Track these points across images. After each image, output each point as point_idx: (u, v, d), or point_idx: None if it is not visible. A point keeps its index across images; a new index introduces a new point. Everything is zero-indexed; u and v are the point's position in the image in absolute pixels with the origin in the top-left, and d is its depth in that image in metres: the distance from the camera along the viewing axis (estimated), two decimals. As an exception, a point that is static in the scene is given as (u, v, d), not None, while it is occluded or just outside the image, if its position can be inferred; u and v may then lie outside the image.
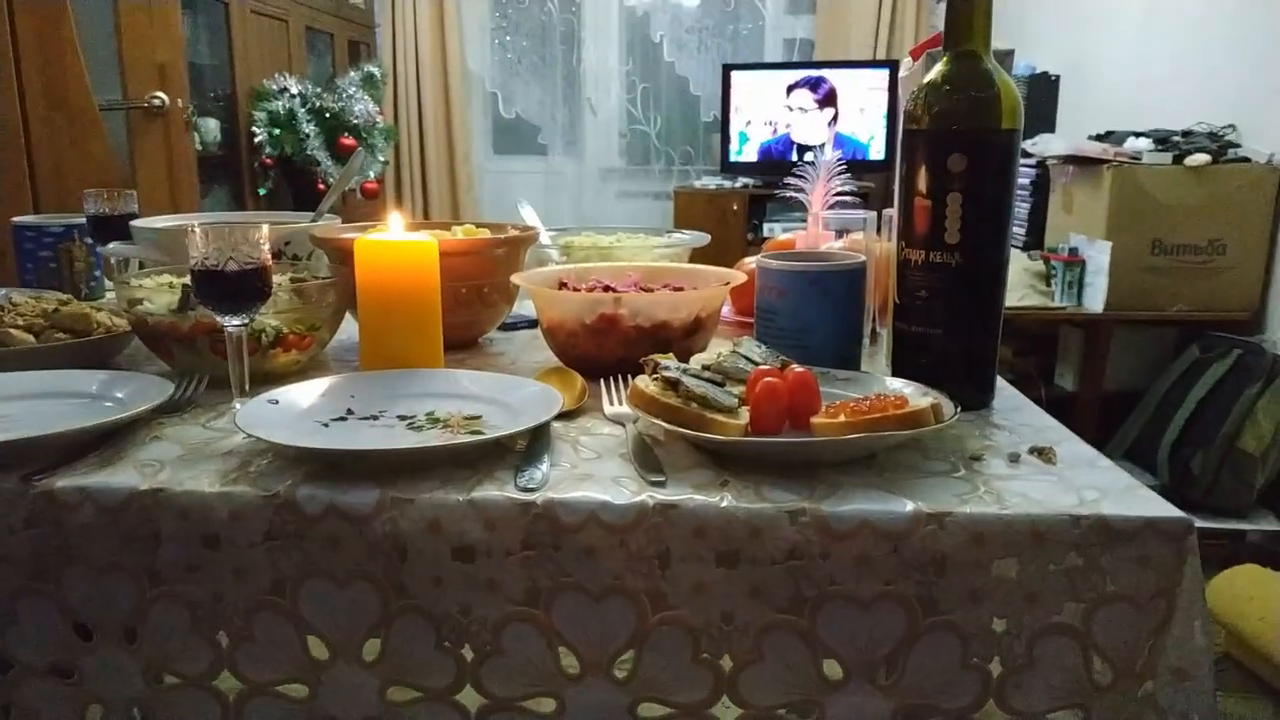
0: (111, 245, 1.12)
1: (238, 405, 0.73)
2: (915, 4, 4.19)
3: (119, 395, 0.77)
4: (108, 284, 1.27)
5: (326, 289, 0.90)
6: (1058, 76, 3.00)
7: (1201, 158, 2.15)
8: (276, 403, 0.73)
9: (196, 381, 0.81)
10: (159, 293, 0.88)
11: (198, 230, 0.73)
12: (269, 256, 0.75)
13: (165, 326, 0.84)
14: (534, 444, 0.67)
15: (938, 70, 0.75)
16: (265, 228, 0.75)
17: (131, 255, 1.11)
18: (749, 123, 4.07)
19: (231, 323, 0.74)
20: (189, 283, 0.76)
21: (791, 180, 1.07)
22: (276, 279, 0.84)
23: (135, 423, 0.72)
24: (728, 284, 0.92)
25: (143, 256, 1.10)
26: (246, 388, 0.75)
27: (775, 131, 4.04)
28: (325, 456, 0.65)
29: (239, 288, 0.73)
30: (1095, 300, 2.27)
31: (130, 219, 1.16)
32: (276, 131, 2.99)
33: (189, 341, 0.83)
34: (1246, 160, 2.16)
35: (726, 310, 1.13)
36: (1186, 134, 2.29)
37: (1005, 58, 0.78)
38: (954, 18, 0.74)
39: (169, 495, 0.61)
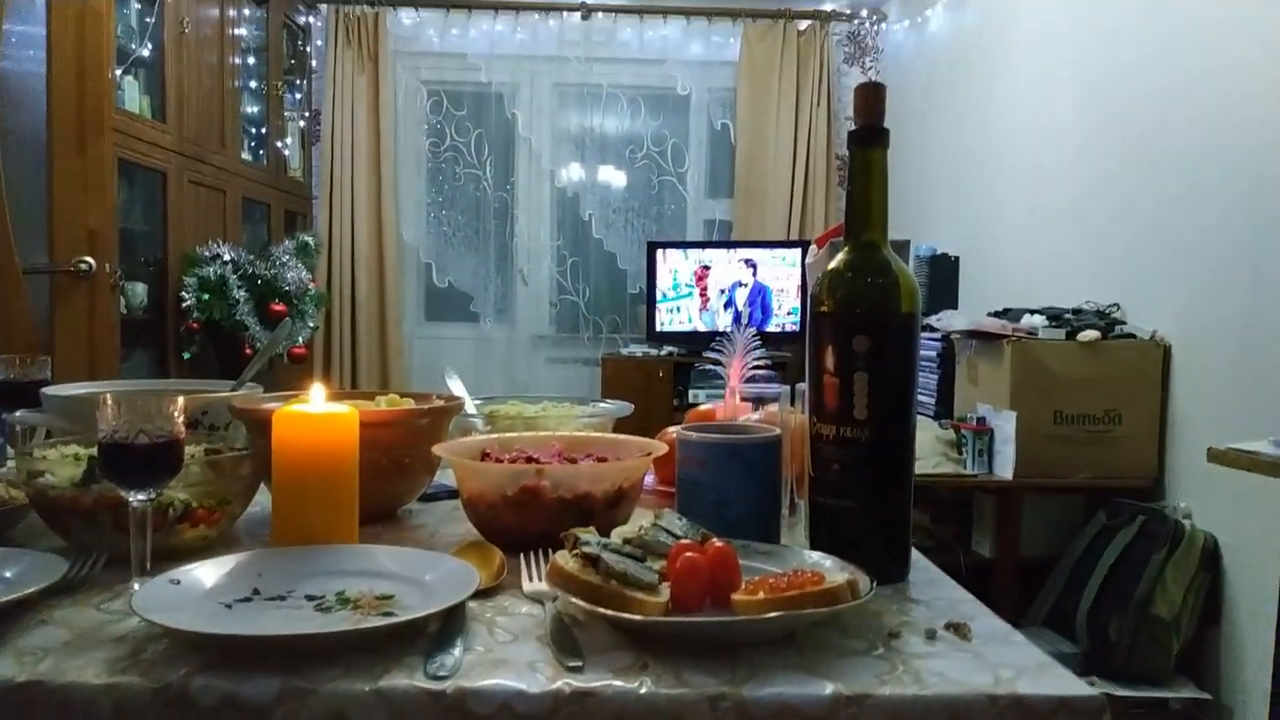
0: (18, 413, 1.09)
1: (136, 586, 0.69)
2: (824, 191, 4.51)
3: (7, 575, 0.73)
4: (10, 453, 1.22)
5: (241, 462, 0.88)
6: (957, 257, 3.22)
7: (1091, 334, 2.31)
8: (178, 582, 0.70)
9: (94, 560, 0.77)
10: (62, 465, 0.85)
11: (109, 400, 0.71)
12: (182, 429, 0.74)
13: (65, 500, 0.81)
14: (447, 626, 0.65)
15: (840, 258, 0.80)
16: (180, 399, 0.74)
17: (38, 424, 1.08)
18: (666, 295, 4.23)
19: (137, 497, 0.72)
20: (95, 455, 0.74)
21: (710, 353, 1.12)
22: (190, 450, 0.82)
23: (22, 605, 0.67)
24: (650, 454, 0.93)
25: (51, 425, 1.07)
26: (148, 566, 0.72)
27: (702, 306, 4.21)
28: (222, 642, 0.62)
29: (149, 461, 0.71)
30: (1005, 468, 2.35)
31: (42, 385, 1.13)
32: (206, 296, 2.99)
33: (90, 516, 0.80)
34: (1132, 336, 2.33)
35: (650, 480, 1.14)
36: (1077, 311, 2.46)
37: (902, 247, 0.85)
38: (853, 210, 0.81)
39: (48, 688, 0.57)
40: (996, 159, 3.25)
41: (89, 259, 2.48)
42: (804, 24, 4.54)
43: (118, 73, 2.65)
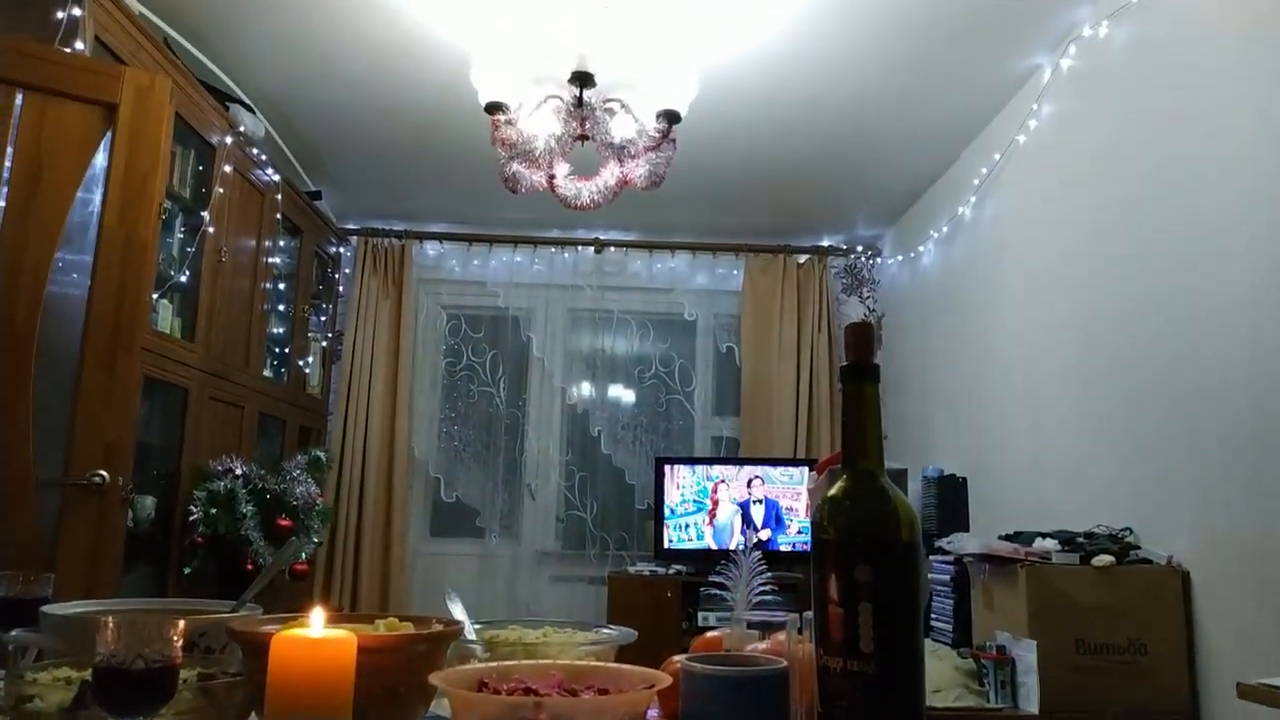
0: (14, 633, 1.07)
1: (112, 824, 0.66)
2: (829, 411, 4.59)
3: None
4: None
5: (234, 688, 0.86)
6: (964, 479, 3.22)
7: (1106, 558, 2.27)
8: (156, 822, 0.67)
9: (70, 794, 0.74)
10: (53, 689, 0.83)
11: (109, 624, 0.71)
12: (179, 653, 0.73)
13: (50, 728, 0.78)
14: None
15: (839, 486, 0.82)
16: (181, 623, 0.74)
17: (33, 644, 1.06)
18: (675, 510, 4.20)
19: (125, 725, 0.70)
20: (87, 678, 0.73)
21: (715, 578, 1.11)
22: (184, 674, 0.81)
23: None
24: (653, 686, 0.90)
25: (46, 645, 1.05)
26: (126, 802, 0.69)
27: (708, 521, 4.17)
28: None
29: (143, 687, 0.70)
30: (1030, 700, 2.23)
31: (42, 603, 1.12)
32: (213, 510, 2.99)
33: (73, 746, 0.77)
34: (1148, 561, 2.29)
35: (654, 713, 1.10)
36: (1089, 535, 2.43)
37: (900, 475, 0.87)
38: (849, 441, 0.84)
39: None
40: (996, 382, 3.34)
41: (103, 472, 2.51)
42: (803, 258, 4.82)
43: (154, 296, 2.81)
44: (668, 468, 4.29)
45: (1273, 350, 1.92)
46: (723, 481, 4.23)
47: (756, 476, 4.22)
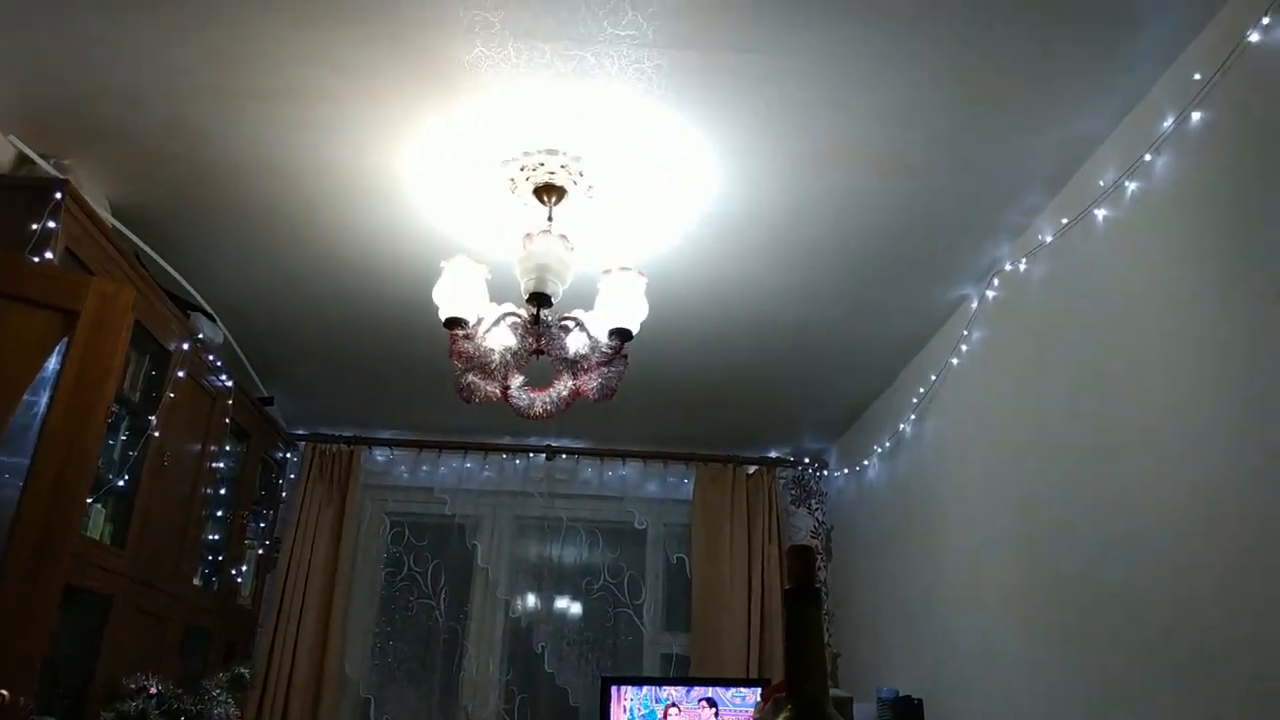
0: None
1: None
2: (778, 626, 4.49)
3: None
4: None
5: None
6: (920, 700, 3.13)
7: (1069, 791, 2.18)
8: None
9: None
10: None
11: None
12: None
13: None
14: None
15: (784, 716, 0.81)
16: None
17: None
18: (629, 738, 3.98)
19: None
20: None
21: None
22: None
23: None
24: None
25: None
26: None
27: (656, 748, 3.94)
28: None
29: None
30: None
31: None
32: (119, 734, 2.75)
33: None
34: (1112, 794, 2.20)
35: None
36: (1050, 765, 2.34)
37: (845, 704, 0.86)
38: (792, 666, 0.84)
39: None
40: (945, 598, 3.32)
41: (3, 692, 2.32)
42: (752, 469, 4.89)
43: (88, 501, 2.72)
44: (614, 689, 4.09)
45: (1202, 565, 1.96)
46: (674, 705, 4.04)
47: (708, 698, 4.04)
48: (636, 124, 2.41)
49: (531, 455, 4.86)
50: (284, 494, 4.66)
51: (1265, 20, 1.84)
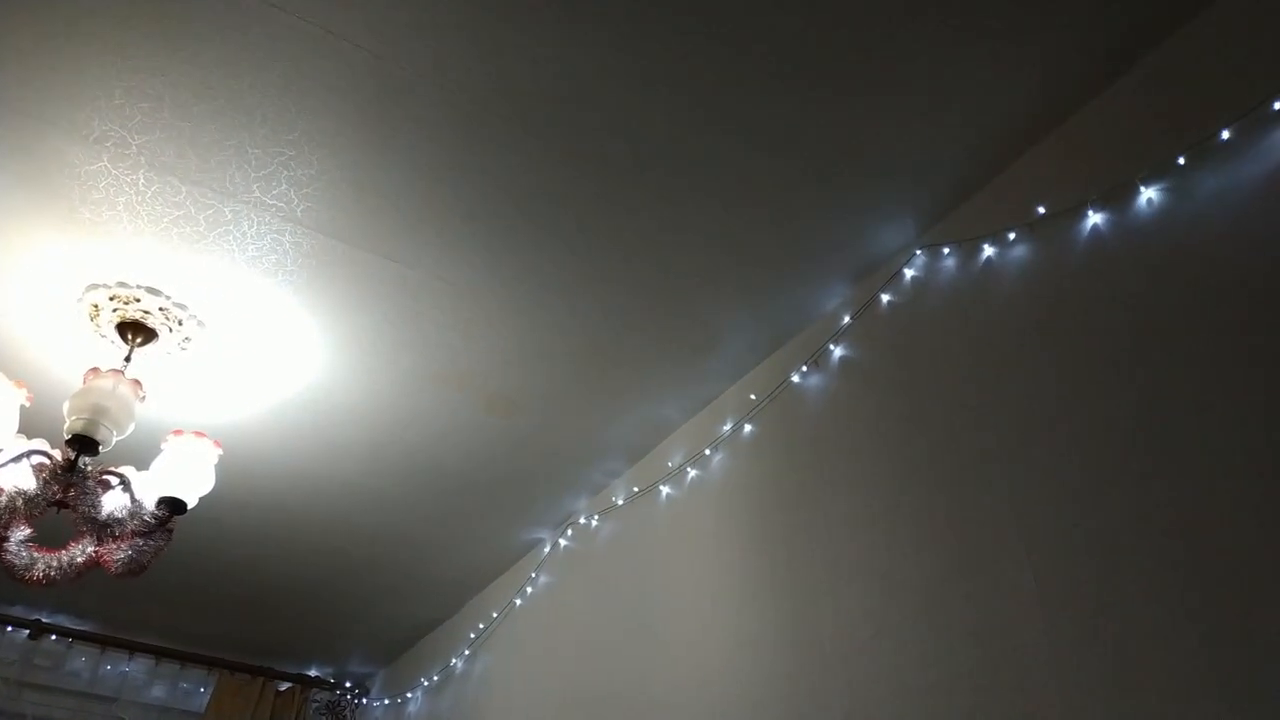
0: None
1: None
2: None
3: None
4: None
5: None
6: None
7: None
8: None
9: None
10: None
11: None
12: None
13: None
14: None
15: None
16: None
17: None
18: None
19: None
20: None
21: None
22: None
23: None
24: None
25: None
26: None
27: None
28: None
29: None
30: None
31: None
32: None
33: None
34: None
35: None
36: None
37: None
38: None
39: None
40: None
41: None
42: (284, 685, 4.40)
43: None
44: None
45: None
46: None
47: None
48: (256, 291, 2.31)
49: (11, 629, 3.94)
50: None
51: (804, 368, 2.31)
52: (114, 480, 2.23)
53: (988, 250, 1.90)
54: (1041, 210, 1.80)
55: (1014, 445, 1.70)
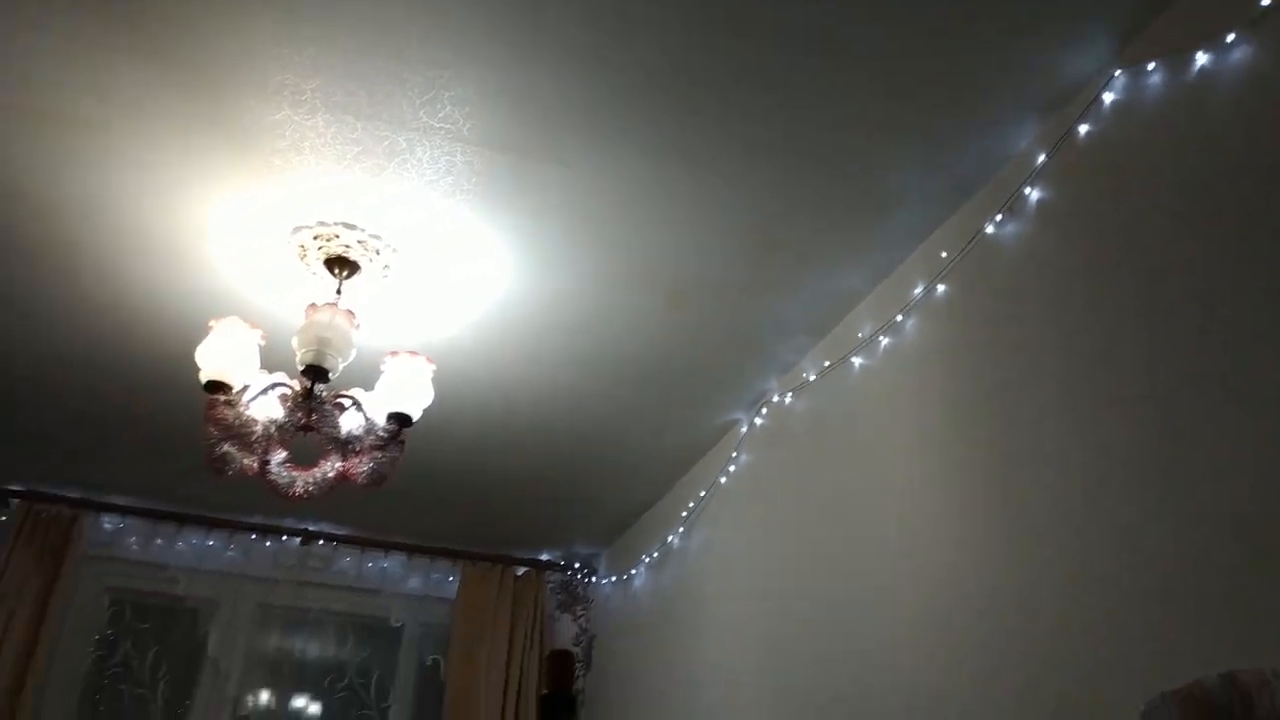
0: None
1: None
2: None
3: None
4: None
5: None
6: (660, 820, 3.11)
7: None
8: None
9: None
10: None
11: None
12: None
13: None
14: None
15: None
16: None
17: None
18: None
19: None
20: None
21: None
22: None
23: None
24: None
25: None
26: None
27: None
28: None
29: None
30: None
31: None
32: None
33: None
34: None
35: None
36: None
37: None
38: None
39: None
40: (699, 710, 3.37)
41: None
42: (521, 570, 4.81)
43: None
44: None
45: (927, 686, 2.13)
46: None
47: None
48: (439, 214, 2.42)
49: (285, 538, 4.53)
50: (-19, 559, 4.04)
51: (998, 217, 2.15)
52: (347, 402, 2.46)
53: (1201, 60, 1.66)
54: (1265, 1, 1.54)
55: (1240, 286, 1.52)
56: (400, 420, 2.44)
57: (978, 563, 2.02)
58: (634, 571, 4.35)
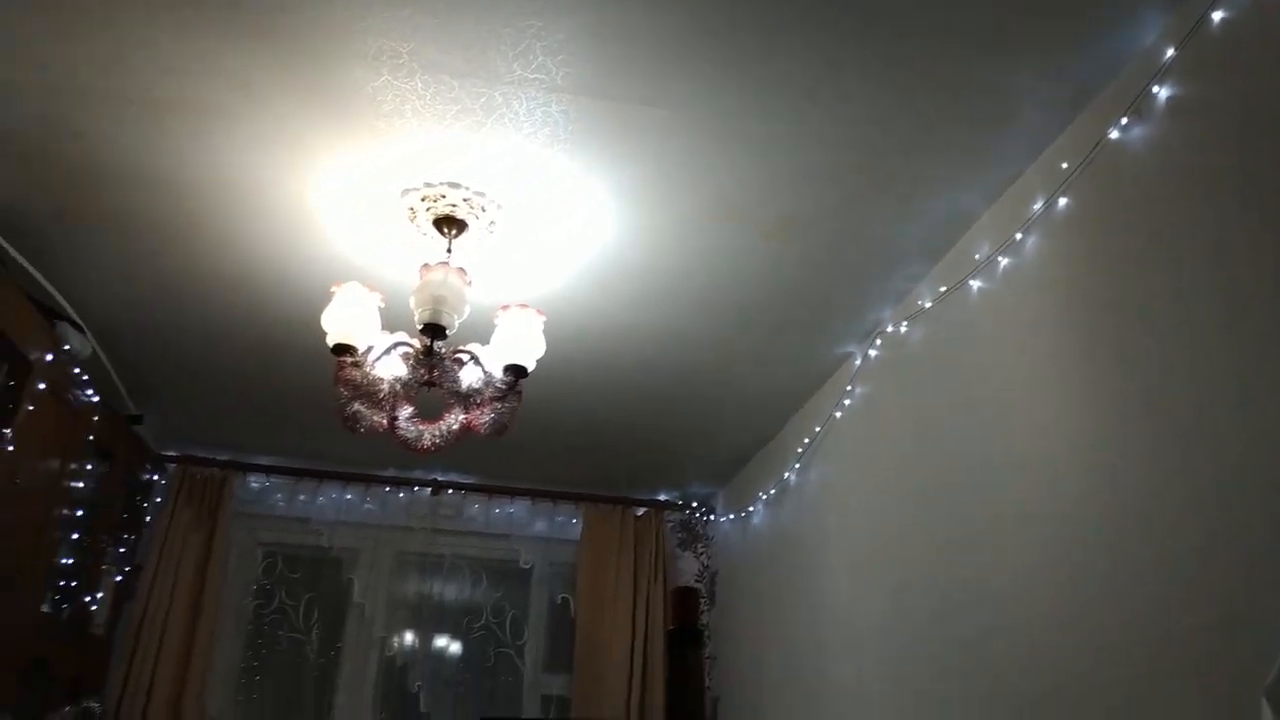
0: None
1: None
2: (661, 670, 4.49)
3: None
4: None
5: None
6: (793, 748, 3.17)
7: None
8: None
9: None
10: None
11: None
12: None
13: None
14: None
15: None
16: None
17: None
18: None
19: None
20: None
21: None
22: None
23: None
24: None
25: None
26: None
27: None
28: None
29: None
30: None
31: None
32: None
33: None
34: (966, 841, 2.28)
35: None
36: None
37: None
38: (673, 711, 0.85)
39: None
40: (822, 645, 3.40)
41: None
42: (640, 510, 4.91)
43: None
44: (490, 730, 4.01)
45: (1063, 622, 2.08)
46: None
47: (583, 742, 4.00)
48: (539, 166, 2.44)
49: (416, 489, 4.75)
50: (149, 518, 4.41)
51: (1124, 120, 2.01)
52: (465, 357, 2.54)
53: (1365, -82, 1.49)
54: None
55: None
56: (516, 371, 2.50)
57: (1115, 483, 1.94)
58: (752, 509, 4.38)
